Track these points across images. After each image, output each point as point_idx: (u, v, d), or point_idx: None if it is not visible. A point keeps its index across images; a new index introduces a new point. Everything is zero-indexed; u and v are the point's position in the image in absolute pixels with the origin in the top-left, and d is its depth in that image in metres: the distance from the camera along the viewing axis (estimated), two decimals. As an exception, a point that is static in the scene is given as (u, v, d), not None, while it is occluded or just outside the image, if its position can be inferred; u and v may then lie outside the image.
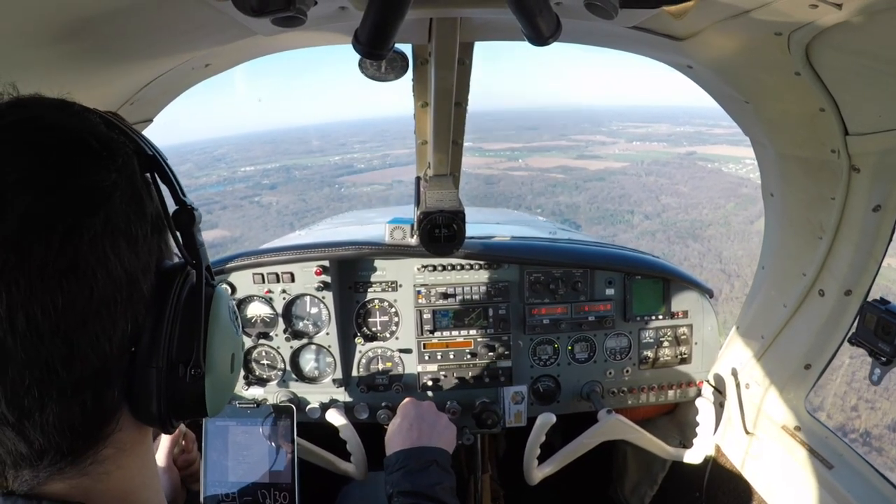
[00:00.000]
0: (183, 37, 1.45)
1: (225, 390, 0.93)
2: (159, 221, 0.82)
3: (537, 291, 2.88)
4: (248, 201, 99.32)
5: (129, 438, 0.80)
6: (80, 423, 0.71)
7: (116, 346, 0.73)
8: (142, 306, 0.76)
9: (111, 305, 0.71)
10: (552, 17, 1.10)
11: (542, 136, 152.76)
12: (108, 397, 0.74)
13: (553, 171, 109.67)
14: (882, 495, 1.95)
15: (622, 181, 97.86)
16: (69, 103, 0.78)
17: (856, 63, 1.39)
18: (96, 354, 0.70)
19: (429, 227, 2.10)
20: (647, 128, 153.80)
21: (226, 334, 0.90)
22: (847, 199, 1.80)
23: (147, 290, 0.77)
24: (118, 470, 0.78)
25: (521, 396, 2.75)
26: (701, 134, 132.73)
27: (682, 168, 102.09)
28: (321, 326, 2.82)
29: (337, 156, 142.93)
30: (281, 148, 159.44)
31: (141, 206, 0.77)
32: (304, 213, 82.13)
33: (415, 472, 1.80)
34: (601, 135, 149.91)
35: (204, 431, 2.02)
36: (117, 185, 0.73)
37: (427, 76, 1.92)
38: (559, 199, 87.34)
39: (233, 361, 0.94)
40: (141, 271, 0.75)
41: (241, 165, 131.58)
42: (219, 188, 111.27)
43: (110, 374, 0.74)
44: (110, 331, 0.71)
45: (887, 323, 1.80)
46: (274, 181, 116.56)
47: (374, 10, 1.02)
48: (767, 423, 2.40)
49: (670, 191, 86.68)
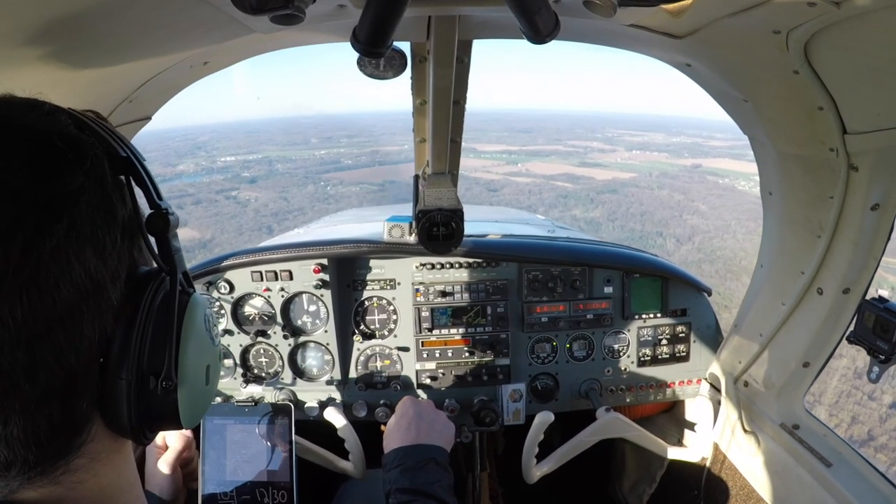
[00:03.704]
0: (181, 34, 1.44)
1: (199, 403, 0.89)
2: (132, 226, 0.78)
3: (536, 289, 2.88)
4: (225, 196, 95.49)
5: (104, 448, 0.77)
6: (46, 435, 0.68)
7: (83, 356, 0.70)
8: (110, 315, 0.73)
9: (76, 315, 0.68)
10: (551, 16, 1.10)
11: (538, 140, 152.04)
12: (78, 409, 0.72)
13: (558, 179, 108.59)
14: (881, 493, 1.96)
15: (636, 194, 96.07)
16: (40, 103, 0.75)
17: (854, 61, 1.39)
18: (61, 366, 0.67)
19: (427, 225, 2.10)
20: (643, 136, 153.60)
21: (200, 345, 0.86)
22: (846, 197, 1.80)
23: (116, 298, 0.74)
24: (93, 478, 0.76)
25: (519, 394, 2.76)
26: (699, 145, 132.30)
27: (694, 183, 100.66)
28: (319, 324, 2.82)
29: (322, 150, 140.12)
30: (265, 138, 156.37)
31: (111, 210, 0.74)
32: (285, 215, 79.01)
33: (412, 470, 1.81)
34: (598, 141, 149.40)
35: (202, 430, 2.02)
36: (84, 189, 0.70)
37: (425, 74, 1.92)
38: (574, 212, 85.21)
39: (208, 373, 0.90)
40: (109, 279, 0.72)
41: (221, 155, 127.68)
42: (195, 178, 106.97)
43: (78, 386, 0.71)
44: (76, 341, 0.68)
45: (886, 321, 1.81)
46: (254, 174, 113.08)
47: (372, 8, 1.02)
48: (766, 421, 2.41)
49: (690, 209, 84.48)
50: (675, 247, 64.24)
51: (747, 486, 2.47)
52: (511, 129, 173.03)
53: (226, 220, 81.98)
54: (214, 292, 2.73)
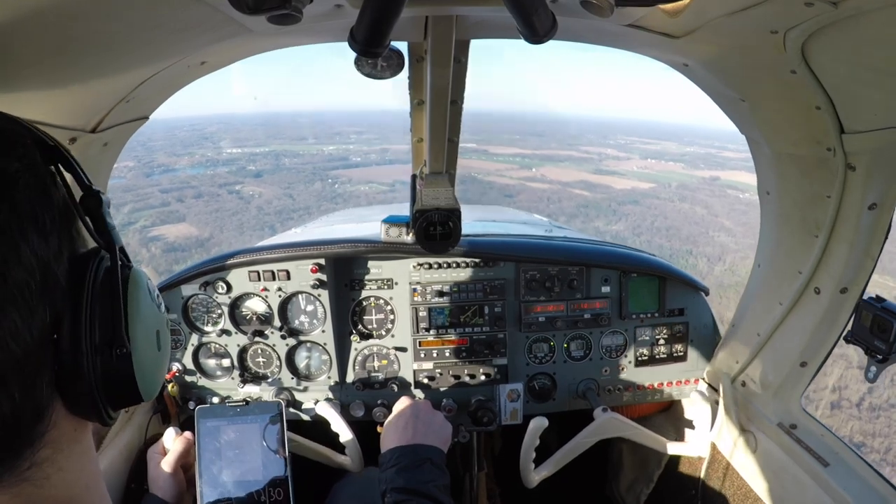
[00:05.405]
0: (179, 34, 1.44)
1: (155, 370, 0.92)
2: (67, 209, 0.81)
3: (533, 289, 2.88)
4: (228, 190, 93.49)
5: (66, 437, 0.79)
6: (11, 419, 0.69)
7: (37, 333, 0.71)
8: (59, 293, 0.75)
9: (26, 294, 0.69)
10: (548, 15, 1.10)
11: (550, 144, 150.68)
12: (38, 389, 0.73)
13: (575, 187, 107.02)
14: (877, 492, 1.96)
15: (658, 206, 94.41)
16: None
17: (851, 61, 1.39)
18: (17, 343, 0.68)
19: (425, 224, 2.09)
20: (656, 145, 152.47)
21: (147, 312, 0.90)
22: (843, 196, 1.80)
23: (62, 276, 0.76)
24: (58, 472, 0.77)
25: (516, 394, 2.76)
26: (713, 156, 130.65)
27: (715, 197, 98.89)
28: (317, 324, 2.81)
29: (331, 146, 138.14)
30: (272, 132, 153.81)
31: (47, 194, 0.77)
32: (290, 213, 77.23)
33: (408, 470, 1.81)
34: (611, 148, 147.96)
35: (196, 433, 2.03)
36: (20, 173, 0.72)
37: (423, 74, 1.92)
38: (596, 223, 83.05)
39: (158, 339, 0.93)
40: (53, 258, 0.74)
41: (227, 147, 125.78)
42: (198, 170, 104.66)
43: (36, 364, 0.72)
44: (28, 318, 0.70)
45: (883, 320, 1.81)
46: (260, 168, 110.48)
47: (369, 8, 1.02)
48: (763, 420, 2.41)
49: (716, 225, 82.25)
50: (708, 267, 61.79)
51: (744, 485, 2.47)
52: (522, 131, 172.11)
53: (226, 217, 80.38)
54: (212, 292, 2.72)
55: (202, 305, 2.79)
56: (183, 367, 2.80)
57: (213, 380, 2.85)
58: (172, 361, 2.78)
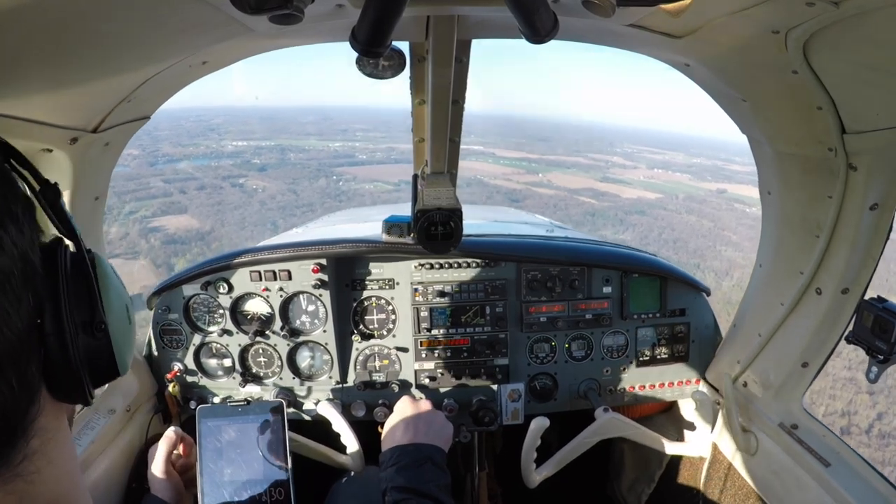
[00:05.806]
0: (180, 34, 1.44)
1: (128, 341, 0.98)
2: (29, 202, 0.85)
3: (534, 289, 2.88)
4: (231, 183, 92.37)
5: (51, 425, 0.81)
6: (10, 407, 0.72)
7: (25, 319, 0.74)
8: (38, 280, 0.78)
9: (11, 279, 0.72)
10: (549, 15, 1.10)
11: (557, 150, 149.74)
12: (30, 374, 0.75)
13: (582, 194, 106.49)
14: (879, 493, 1.96)
15: (665, 217, 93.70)
16: None
17: (853, 61, 1.39)
18: (10, 329, 0.71)
19: (426, 224, 2.09)
20: (663, 154, 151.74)
21: (116, 289, 0.96)
22: (844, 197, 1.80)
23: (38, 263, 0.79)
24: (48, 466, 0.78)
25: (518, 394, 2.76)
26: (720, 168, 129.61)
27: (722, 210, 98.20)
28: (318, 324, 2.81)
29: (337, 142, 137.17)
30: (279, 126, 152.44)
31: (12, 187, 0.80)
32: (293, 209, 76.11)
33: (409, 469, 1.81)
34: (618, 156, 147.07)
35: (197, 433, 2.02)
36: None
37: (424, 74, 1.92)
38: (603, 232, 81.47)
39: (128, 312, 1.00)
40: (29, 247, 0.77)
41: (233, 139, 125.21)
42: (202, 161, 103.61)
43: (27, 349, 0.75)
44: (16, 305, 0.72)
45: (884, 321, 1.81)
46: (265, 161, 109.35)
47: (371, 8, 1.02)
48: (764, 420, 2.41)
49: (723, 239, 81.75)
50: (716, 283, 60.25)
51: (746, 485, 2.47)
52: (529, 136, 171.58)
53: (228, 211, 79.89)
54: (213, 292, 2.72)
55: (203, 305, 2.79)
56: (184, 367, 2.80)
57: (215, 380, 2.85)
58: (174, 361, 2.79)
